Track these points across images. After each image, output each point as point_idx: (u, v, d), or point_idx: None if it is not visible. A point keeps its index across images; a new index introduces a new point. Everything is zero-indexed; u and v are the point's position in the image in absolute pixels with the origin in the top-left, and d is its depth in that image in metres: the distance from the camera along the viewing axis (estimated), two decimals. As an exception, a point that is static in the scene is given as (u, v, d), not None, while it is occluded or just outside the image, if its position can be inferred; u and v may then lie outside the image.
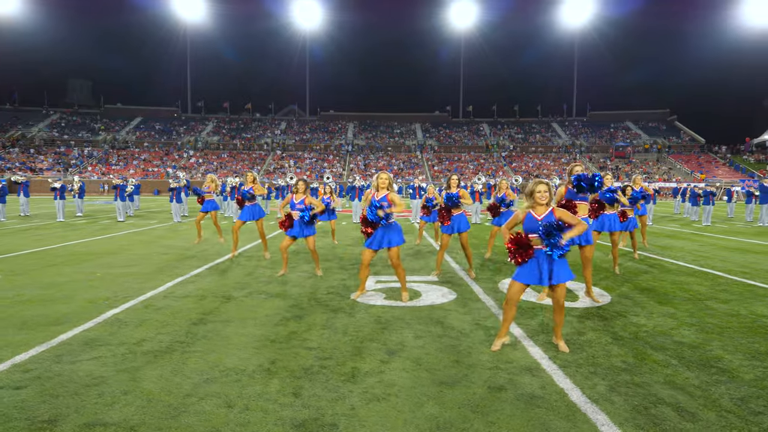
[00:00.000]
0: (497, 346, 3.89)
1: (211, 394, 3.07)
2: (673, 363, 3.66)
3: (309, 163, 60.44)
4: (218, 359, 3.67)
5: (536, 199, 3.79)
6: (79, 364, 3.54)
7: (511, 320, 3.88)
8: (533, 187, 3.82)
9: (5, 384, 3.20)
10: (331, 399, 3.02)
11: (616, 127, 70.71)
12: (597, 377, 3.38)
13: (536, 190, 3.77)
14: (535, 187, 3.79)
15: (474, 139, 69.38)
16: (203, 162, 58.89)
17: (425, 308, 5.19)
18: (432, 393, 3.11)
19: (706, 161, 58.84)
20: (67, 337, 4.16)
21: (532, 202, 3.83)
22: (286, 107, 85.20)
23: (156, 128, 67.60)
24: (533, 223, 3.77)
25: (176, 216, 15.76)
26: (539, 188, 3.77)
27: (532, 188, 3.82)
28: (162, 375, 3.36)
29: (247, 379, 3.31)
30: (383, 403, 2.97)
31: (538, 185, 3.78)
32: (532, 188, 3.83)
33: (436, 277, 6.85)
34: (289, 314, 4.93)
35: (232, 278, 6.70)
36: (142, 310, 5.01)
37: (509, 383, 3.26)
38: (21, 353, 3.76)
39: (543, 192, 3.77)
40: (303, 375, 3.38)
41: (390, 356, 3.76)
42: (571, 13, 72.24)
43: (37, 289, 5.98)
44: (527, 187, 3.89)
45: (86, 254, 8.83)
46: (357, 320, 4.72)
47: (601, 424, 2.72)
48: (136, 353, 3.78)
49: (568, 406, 2.95)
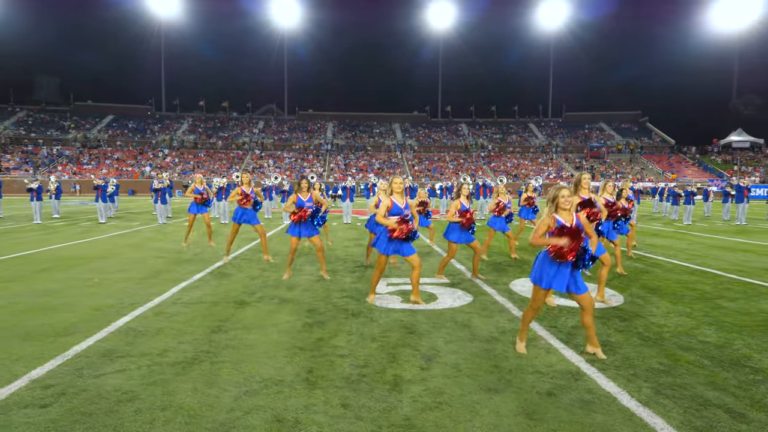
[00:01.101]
0: (524, 350, 3.86)
1: (256, 407, 2.94)
2: (706, 363, 3.70)
3: (288, 163, 59.77)
4: (252, 369, 3.52)
5: (560, 204, 3.69)
6: (103, 378, 3.35)
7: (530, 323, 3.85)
8: (556, 193, 3.72)
9: (29, 402, 2.99)
10: (382, 410, 2.92)
11: (591, 127, 72.31)
12: (639, 380, 3.38)
13: (559, 195, 3.68)
14: (558, 193, 3.70)
15: (453, 139, 69.87)
16: (179, 161, 57.54)
17: (447, 311, 5.13)
18: (482, 400, 3.05)
19: (676, 161, 60.78)
20: (81, 348, 3.93)
21: (555, 208, 3.72)
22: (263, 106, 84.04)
23: (129, 126, 65.70)
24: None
25: (161, 218, 15.30)
26: (563, 193, 3.68)
27: (555, 194, 3.72)
28: (196, 388, 3.20)
29: (288, 390, 3.18)
30: (437, 411, 2.90)
31: (562, 190, 3.69)
32: (555, 194, 3.72)
33: (446, 279, 6.81)
34: (310, 320, 4.80)
35: (239, 283, 6.50)
36: (153, 318, 4.80)
37: (556, 388, 3.23)
38: (36, 367, 3.53)
39: (567, 197, 3.69)
40: (345, 385, 3.27)
41: (428, 363, 3.68)
42: (547, 15, 73.58)
43: (32, 296, 5.67)
44: (549, 192, 3.78)
45: (74, 258, 8.45)
46: (381, 325, 4.63)
47: (660, 428, 2.71)
48: (161, 365, 3.60)
49: (621, 410, 2.93)
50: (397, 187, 5.22)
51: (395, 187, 5.22)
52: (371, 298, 5.48)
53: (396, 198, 5.25)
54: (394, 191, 5.24)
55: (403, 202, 5.22)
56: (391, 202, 5.18)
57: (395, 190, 5.23)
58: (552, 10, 72.75)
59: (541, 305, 3.81)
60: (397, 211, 5.17)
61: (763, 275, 7.19)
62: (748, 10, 65.38)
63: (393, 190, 5.23)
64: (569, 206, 3.70)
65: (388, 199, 5.20)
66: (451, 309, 5.23)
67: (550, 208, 3.74)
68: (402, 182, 5.25)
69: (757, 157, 58.50)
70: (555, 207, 3.70)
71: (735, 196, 17.37)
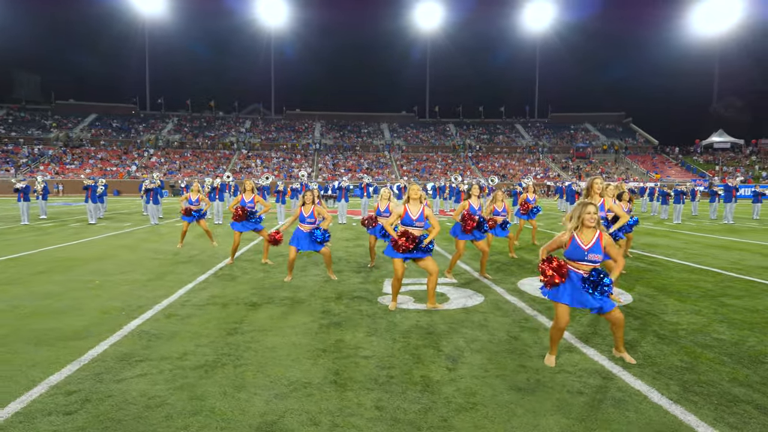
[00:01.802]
0: (553, 363, 3.63)
1: (289, 410, 2.89)
2: (726, 360, 3.75)
3: (276, 163, 59.33)
4: (278, 372, 3.47)
5: (585, 222, 3.49)
6: (126, 383, 3.26)
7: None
8: (581, 210, 3.51)
9: (53, 409, 2.90)
10: (418, 411, 2.90)
11: (576, 128, 73.20)
12: (664, 378, 3.41)
13: (585, 212, 3.48)
14: (584, 209, 3.50)
15: (441, 139, 70.11)
16: (165, 161, 56.73)
17: (460, 312, 5.12)
18: (515, 400, 3.05)
19: (659, 162, 61.86)
20: (97, 352, 3.83)
21: (578, 224, 3.52)
22: (250, 105, 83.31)
23: (113, 126, 64.53)
24: (578, 251, 3.49)
25: (153, 218, 15.03)
26: (589, 209, 3.48)
27: (580, 211, 3.51)
28: (225, 392, 3.14)
29: (318, 392, 3.14)
30: (472, 412, 2.88)
31: (588, 206, 3.49)
32: (580, 211, 3.52)
33: (454, 279, 6.81)
34: (325, 321, 4.75)
35: (245, 285, 6.41)
36: (166, 321, 4.70)
37: (587, 387, 3.24)
38: (53, 373, 3.43)
39: (593, 214, 3.47)
40: (375, 386, 3.24)
41: (453, 363, 3.67)
42: (533, 17, 74.30)
43: (34, 299, 5.52)
44: (575, 209, 3.57)
45: (71, 260, 8.25)
46: (398, 326, 4.60)
47: (696, 425, 2.74)
48: (184, 368, 3.52)
49: (654, 408, 2.95)
50: (414, 194, 4.98)
51: (412, 194, 4.99)
52: (393, 306, 5.18)
53: (411, 206, 5.02)
54: (410, 198, 5.02)
55: (418, 212, 4.99)
56: (404, 211, 4.99)
57: (411, 197, 5.01)
58: (538, 12, 73.50)
59: (566, 322, 3.56)
60: (408, 222, 4.97)
61: (762, 273, 7.33)
62: (728, 14, 66.85)
63: (409, 197, 5.02)
64: (594, 223, 3.50)
65: (402, 206, 5.02)
66: (465, 309, 5.23)
67: (574, 223, 3.54)
68: (419, 189, 5.02)
69: (737, 158, 59.85)
70: (581, 224, 3.52)
71: (722, 196, 17.73)
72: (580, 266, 3.52)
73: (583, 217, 3.50)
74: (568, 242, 3.54)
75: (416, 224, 4.99)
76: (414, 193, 5.00)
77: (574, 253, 3.49)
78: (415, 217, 4.97)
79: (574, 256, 3.50)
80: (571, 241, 3.53)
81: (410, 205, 5.02)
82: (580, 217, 3.52)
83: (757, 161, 57.74)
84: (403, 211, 5.01)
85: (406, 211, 5.01)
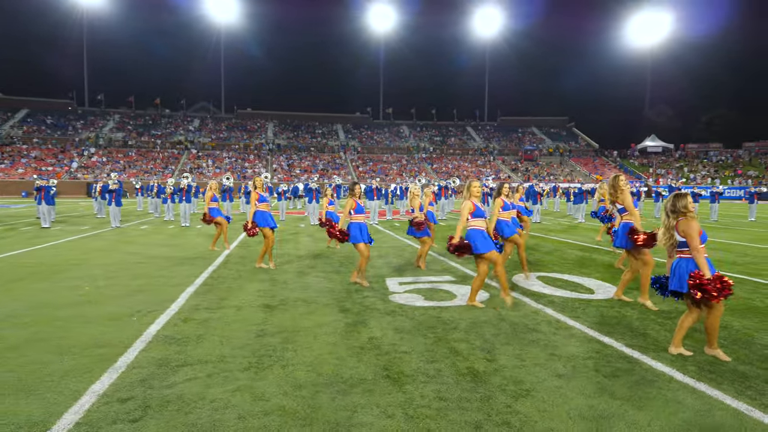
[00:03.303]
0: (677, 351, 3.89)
1: (359, 405, 2.98)
2: (722, 342, 4.19)
3: (228, 163, 57.66)
4: (329, 370, 3.53)
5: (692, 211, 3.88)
6: (179, 388, 3.22)
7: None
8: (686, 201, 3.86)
9: (115, 417, 2.83)
10: (479, 399, 3.07)
11: (524, 132, 76.31)
12: (679, 360, 3.77)
13: (690, 203, 3.85)
14: (688, 200, 3.86)
15: (395, 140, 70.82)
16: (108, 161, 53.63)
17: (471, 307, 5.34)
18: (562, 385, 3.29)
19: (600, 164, 65.72)
20: (129, 359, 3.72)
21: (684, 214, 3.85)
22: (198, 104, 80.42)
23: (47, 122, 60.17)
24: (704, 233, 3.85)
25: (115, 221, 14.28)
26: (690, 199, 3.87)
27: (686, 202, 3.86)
28: (286, 392, 3.17)
29: (378, 388, 3.24)
30: (529, 398, 3.09)
31: (687, 196, 3.89)
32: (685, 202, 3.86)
33: (452, 276, 7.06)
34: (349, 320, 4.82)
35: (252, 287, 6.33)
36: (185, 326, 4.60)
37: (618, 371, 3.54)
38: (93, 381, 3.32)
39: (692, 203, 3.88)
40: (428, 379, 3.39)
41: (491, 354, 3.87)
42: (483, 23, 76.70)
43: (28, 309, 5.20)
44: (679, 202, 3.87)
45: (45, 266, 7.76)
46: (421, 322, 4.76)
47: (722, 398, 3.08)
48: (231, 371, 3.51)
49: (682, 386, 3.28)
50: (476, 191, 5.40)
51: (474, 192, 5.38)
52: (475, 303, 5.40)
53: (477, 201, 5.41)
54: (473, 195, 5.38)
55: (483, 206, 5.37)
56: (473, 205, 5.33)
57: (474, 194, 5.38)
58: (487, 18, 75.94)
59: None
60: (481, 214, 5.36)
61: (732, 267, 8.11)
62: (659, 28, 72.17)
63: (472, 194, 5.38)
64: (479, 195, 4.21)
65: (469, 202, 5.34)
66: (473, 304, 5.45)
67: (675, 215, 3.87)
68: (480, 186, 5.45)
69: (668, 161, 64.71)
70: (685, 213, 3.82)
71: (665, 197, 19.22)
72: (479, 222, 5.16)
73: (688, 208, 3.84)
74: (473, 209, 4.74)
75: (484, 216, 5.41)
76: (476, 190, 5.40)
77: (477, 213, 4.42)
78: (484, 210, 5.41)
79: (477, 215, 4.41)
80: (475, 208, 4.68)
81: (476, 200, 5.39)
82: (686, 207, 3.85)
83: (685, 164, 62.69)
84: (473, 206, 5.34)
85: (475, 206, 5.36)
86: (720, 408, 2.98)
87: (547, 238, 12.27)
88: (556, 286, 6.46)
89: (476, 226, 5.34)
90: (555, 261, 8.58)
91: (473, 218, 5.35)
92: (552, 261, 8.57)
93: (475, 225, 5.34)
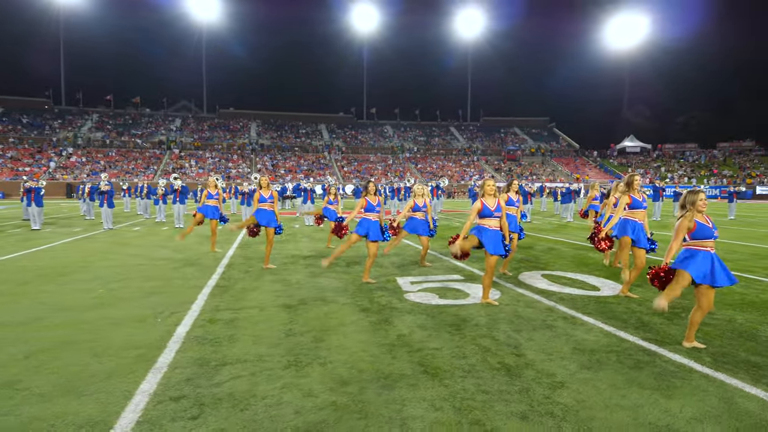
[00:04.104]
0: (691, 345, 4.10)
1: (408, 399, 3.11)
2: (728, 334, 4.46)
3: (212, 163, 57.02)
4: (368, 367, 3.65)
5: (699, 207, 4.05)
6: (227, 386, 3.30)
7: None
8: (695, 197, 4.06)
9: (174, 415, 2.90)
10: (519, 391, 3.24)
11: (506, 132, 77.37)
12: (694, 352, 4.00)
13: (699, 199, 4.05)
14: (697, 196, 4.06)
15: (379, 140, 71.02)
16: (87, 161, 52.48)
17: (486, 305, 5.52)
18: (592, 377, 3.48)
19: (580, 164, 67.08)
20: (167, 360, 3.78)
21: (694, 211, 4.06)
22: (179, 103, 79.29)
23: (23, 122, 58.57)
24: (706, 229, 4.05)
25: (107, 222, 14.08)
26: (701, 196, 4.06)
27: (695, 198, 4.06)
28: (331, 388, 3.29)
29: (420, 383, 3.38)
30: (565, 389, 3.27)
31: (700, 193, 4.07)
32: (694, 198, 4.07)
33: (461, 276, 7.23)
34: (373, 319, 4.95)
35: (266, 287, 6.40)
36: (212, 326, 4.67)
37: (640, 363, 3.75)
38: (139, 382, 3.37)
39: (704, 200, 4.06)
40: (466, 374, 3.54)
41: (518, 350, 4.05)
42: (465, 24, 77.43)
43: (51, 312, 5.18)
44: (686, 197, 4.11)
45: (49, 269, 7.67)
46: (442, 320, 4.91)
47: (741, 386, 3.32)
48: (273, 369, 3.61)
49: (702, 375, 3.51)
50: (490, 189, 5.47)
51: (488, 190, 5.46)
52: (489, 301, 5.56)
53: (487, 200, 5.46)
54: (486, 193, 5.47)
55: (494, 204, 5.43)
56: (482, 204, 5.42)
57: (487, 192, 5.47)
58: (469, 19, 76.69)
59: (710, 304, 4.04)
60: (488, 214, 5.42)
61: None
62: (636, 31, 73.97)
63: (485, 192, 5.47)
64: (705, 209, 4.09)
65: (479, 202, 5.44)
66: (488, 302, 5.63)
67: (691, 211, 4.07)
68: (494, 184, 5.51)
69: (646, 161, 66.39)
70: (694, 210, 4.06)
71: (651, 195, 19.82)
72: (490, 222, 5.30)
73: (697, 204, 4.06)
74: (695, 226, 4.07)
75: (495, 215, 5.44)
76: (489, 188, 5.47)
77: (704, 232, 4.05)
78: (494, 209, 5.42)
79: (704, 234, 4.05)
80: (696, 224, 4.06)
81: (486, 199, 5.46)
82: (694, 204, 4.08)
83: (663, 164, 64.42)
84: (480, 206, 5.41)
85: (483, 204, 5.42)
86: (741, 395, 3.21)
87: (540, 237, 12.58)
88: (562, 283, 6.69)
89: (488, 225, 5.47)
90: (554, 259, 8.85)
91: (481, 218, 5.47)
92: (551, 259, 8.84)
93: (486, 224, 5.47)
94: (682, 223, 4.07)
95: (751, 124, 68.70)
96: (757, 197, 49.08)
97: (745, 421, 2.86)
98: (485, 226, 5.46)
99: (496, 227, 5.47)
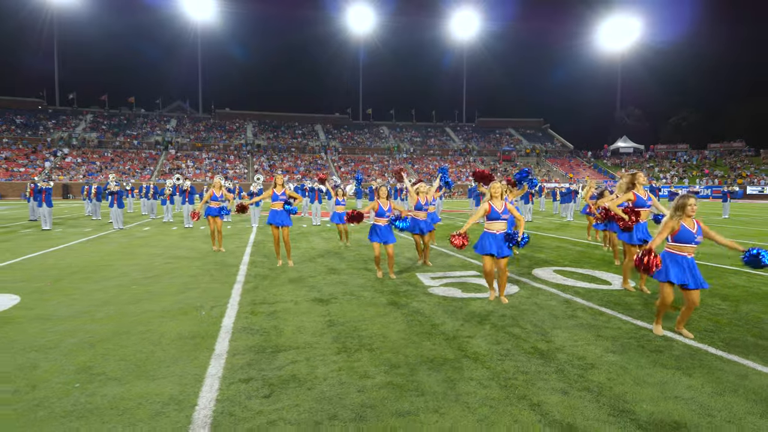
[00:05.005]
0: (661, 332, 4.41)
1: (456, 379, 3.43)
2: (736, 322, 4.82)
3: (208, 164, 56.99)
4: (413, 352, 3.96)
5: (687, 212, 4.26)
6: (288, 369, 3.59)
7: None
8: (685, 201, 4.26)
9: (249, 394, 3.19)
10: (555, 371, 3.56)
11: (501, 133, 77.97)
12: (707, 336, 4.36)
13: (688, 204, 4.25)
14: (687, 201, 4.25)
15: (376, 141, 71.30)
16: (83, 161, 52.27)
17: (507, 298, 5.85)
18: (620, 360, 3.81)
19: (575, 164, 67.80)
20: (224, 347, 4.07)
21: (682, 215, 4.28)
22: (174, 103, 79.13)
23: (17, 122, 58.13)
24: (689, 234, 4.25)
25: (117, 223, 14.27)
26: (690, 201, 4.26)
27: (684, 202, 4.26)
28: (384, 370, 3.59)
29: (464, 366, 3.69)
30: (596, 370, 3.60)
31: (690, 198, 4.26)
32: (684, 202, 4.26)
33: (476, 271, 7.56)
34: (404, 311, 5.25)
35: (293, 284, 6.69)
36: (254, 318, 4.95)
37: (660, 347, 4.10)
38: (205, 367, 3.66)
39: (693, 205, 4.24)
40: (504, 358, 3.85)
41: (547, 337, 4.38)
42: (460, 25, 77.94)
43: (95, 306, 5.44)
44: (677, 201, 4.32)
45: (75, 268, 7.89)
46: (470, 312, 5.23)
47: (755, 366, 3.67)
48: (326, 354, 3.90)
49: (717, 357, 3.86)
50: (496, 191, 5.57)
51: (494, 192, 5.59)
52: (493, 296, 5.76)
53: (495, 202, 5.58)
54: (492, 196, 5.61)
55: (502, 207, 5.56)
56: (490, 207, 5.58)
57: (494, 195, 5.59)
58: (464, 21, 77.23)
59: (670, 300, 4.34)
60: (495, 216, 5.55)
61: (711, 258, 8.88)
62: (629, 32, 74.89)
63: (492, 194, 5.60)
64: (694, 214, 4.31)
65: (486, 204, 5.59)
66: (508, 295, 5.96)
67: (678, 214, 4.30)
68: (500, 186, 5.63)
69: (639, 161, 67.26)
70: (682, 214, 4.32)
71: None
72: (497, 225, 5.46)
73: (686, 210, 4.29)
74: (678, 229, 4.30)
75: (503, 217, 5.58)
76: (496, 191, 5.60)
77: (685, 236, 4.28)
78: (501, 211, 5.55)
79: (685, 238, 4.29)
80: (680, 227, 4.29)
81: (494, 201, 5.60)
82: (684, 208, 4.29)
83: (655, 164, 65.30)
84: (489, 208, 5.56)
85: (492, 207, 5.55)
86: (755, 373, 3.56)
87: (545, 236, 12.95)
88: (575, 278, 7.04)
89: (490, 228, 5.56)
90: (563, 256, 9.20)
91: (489, 221, 5.58)
92: (560, 256, 9.19)
93: (493, 228, 5.55)
94: (669, 222, 4.34)
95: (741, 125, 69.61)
96: (748, 197, 49.99)
97: (761, 394, 3.21)
98: (489, 231, 5.56)
99: (501, 230, 5.58)
